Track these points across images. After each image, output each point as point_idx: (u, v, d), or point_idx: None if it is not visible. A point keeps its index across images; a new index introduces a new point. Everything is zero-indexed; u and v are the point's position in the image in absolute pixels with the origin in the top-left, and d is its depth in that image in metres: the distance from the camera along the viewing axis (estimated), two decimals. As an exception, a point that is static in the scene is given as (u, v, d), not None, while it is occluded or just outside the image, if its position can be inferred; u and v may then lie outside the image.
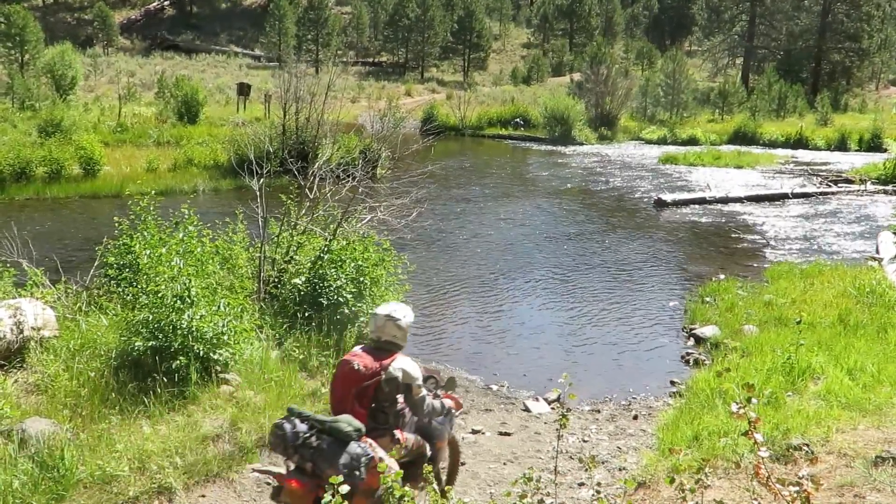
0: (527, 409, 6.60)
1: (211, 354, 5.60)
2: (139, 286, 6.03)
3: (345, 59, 48.49)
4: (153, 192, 7.33)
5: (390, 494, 2.55)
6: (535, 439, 6.00)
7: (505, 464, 5.54)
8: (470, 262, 11.66)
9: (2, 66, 31.89)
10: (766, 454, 2.55)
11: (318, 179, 8.27)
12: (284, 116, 17.76)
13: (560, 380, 3.75)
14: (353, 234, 7.78)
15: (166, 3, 59.45)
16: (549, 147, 28.76)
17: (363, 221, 8.20)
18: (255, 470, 4.83)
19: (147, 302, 5.63)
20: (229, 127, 23.05)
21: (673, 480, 2.66)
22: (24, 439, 4.55)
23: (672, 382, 7.19)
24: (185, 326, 5.44)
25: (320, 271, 7.08)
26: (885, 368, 6.09)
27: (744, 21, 52.68)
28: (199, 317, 5.51)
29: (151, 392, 5.23)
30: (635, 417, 6.46)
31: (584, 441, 5.99)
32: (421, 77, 52.67)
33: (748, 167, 23.89)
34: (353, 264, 7.06)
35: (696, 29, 63.45)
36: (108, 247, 6.95)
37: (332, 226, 7.76)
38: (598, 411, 6.62)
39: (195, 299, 5.59)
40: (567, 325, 8.98)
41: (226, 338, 5.69)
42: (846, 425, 4.98)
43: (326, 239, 7.53)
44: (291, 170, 8.61)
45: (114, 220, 7.09)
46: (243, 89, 30.42)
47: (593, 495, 2.85)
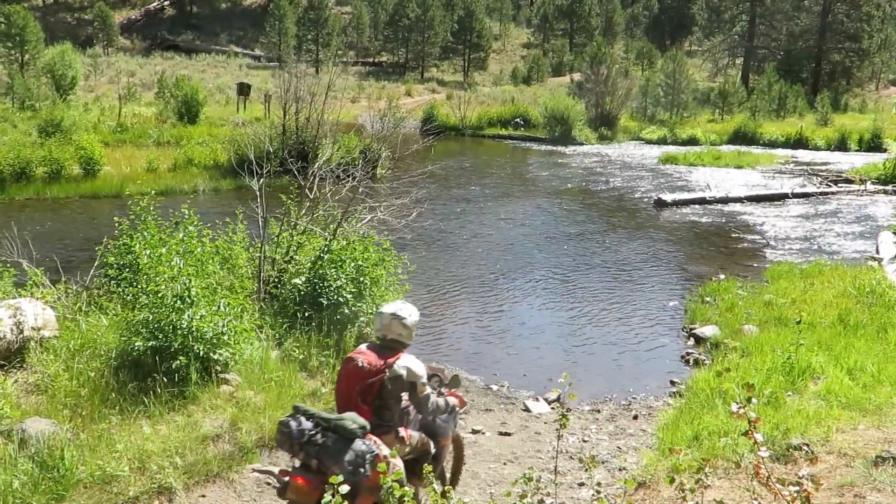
0: (527, 409, 6.60)
1: (211, 354, 5.60)
2: (139, 286, 6.03)
3: (345, 59, 48.49)
4: (153, 192, 7.34)
5: (390, 494, 2.55)
6: (535, 439, 6.00)
7: (505, 464, 5.54)
8: (470, 262, 11.66)
9: (2, 66, 31.89)
10: (766, 454, 2.55)
11: (318, 179, 8.27)
12: (284, 116, 17.76)
13: (560, 380, 3.75)
14: (353, 234, 7.78)
15: (166, 3, 59.46)
16: (549, 147, 28.76)
17: (363, 221, 8.19)
18: (255, 470, 4.84)
19: (147, 302, 5.63)
20: (229, 127, 23.04)
21: (673, 480, 2.66)
22: (24, 439, 4.55)
23: (672, 382, 7.18)
24: (185, 326, 5.45)
25: (320, 271, 7.08)
26: (885, 368, 6.09)
27: (744, 21, 52.69)
28: (199, 317, 5.51)
29: (151, 392, 5.23)
30: (635, 417, 6.46)
31: (584, 441, 5.99)
32: (421, 77, 52.68)
33: (748, 167, 23.89)
34: (353, 264, 7.06)
35: (696, 29, 63.46)
36: (108, 247, 6.95)
37: (332, 226, 7.76)
38: (598, 411, 6.62)
39: (195, 299, 5.59)
40: (567, 325, 8.98)
41: (226, 338, 5.69)
42: (846, 425, 4.98)
43: (326, 239, 7.52)
44: (291, 170, 8.61)
45: (114, 220, 7.09)
46: (243, 89, 30.43)
47: (593, 495, 2.85)
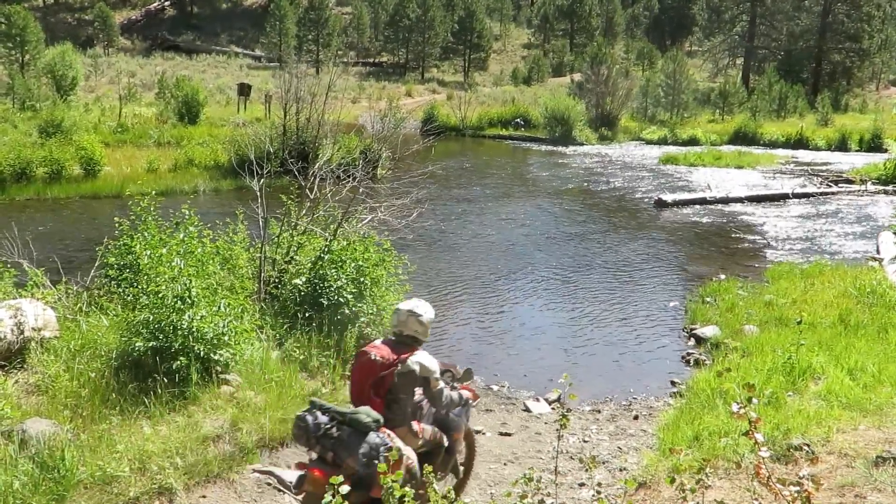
0: (527, 410, 6.60)
1: (211, 355, 5.60)
2: (140, 287, 6.02)
3: (345, 60, 48.48)
4: (154, 192, 7.35)
5: (390, 495, 2.55)
6: (535, 440, 6.01)
7: (505, 464, 5.54)
8: (471, 263, 11.66)
9: (2, 66, 31.90)
10: (766, 454, 2.55)
11: (318, 180, 8.27)
12: (285, 117, 17.77)
13: (560, 380, 3.75)
14: (353, 234, 7.78)
15: (167, 3, 59.49)
16: (549, 147, 28.76)
17: (364, 222, 8.19)
18: (255, 470, 4.85)
19: (147, 302, 5.63)
20: (230, 127, 23.06)
21: (673, 480, 2.66)
22: (24, 440, 4.54)
23: (672, 383, 7.18)
24: (185, 327, 5.44)
25: (321, 272, 7.08)
26: (885, 368, 6.09)
27: (744, 21, 52.69)
28: (199, 317, 5.50)
29: (152, 392, 5.22)
30: (636, 417, 6.46)
31: (585, 441, 5.99)
32: (421, 77, 52.69)
33: (749, 167, 23.89)
34: (353, 265, 7.06)
35: (696, 29, 63.47)
36: (109, 247, 6.95)
37: (332, 226, 7.76)
38: (599, 411, 6.62)
39: (196, 300, 5.59)
40: (568, 326, 8.98)
41: (226, 338, 5.69)
42: (847, 425, 4.98)
43: (327, 239, 7.52)
44: (292, 170, 8.61)
45: (114, 220, 7.08)
46: (244, 90, 30.45)
47: (594, 496, 2.86)
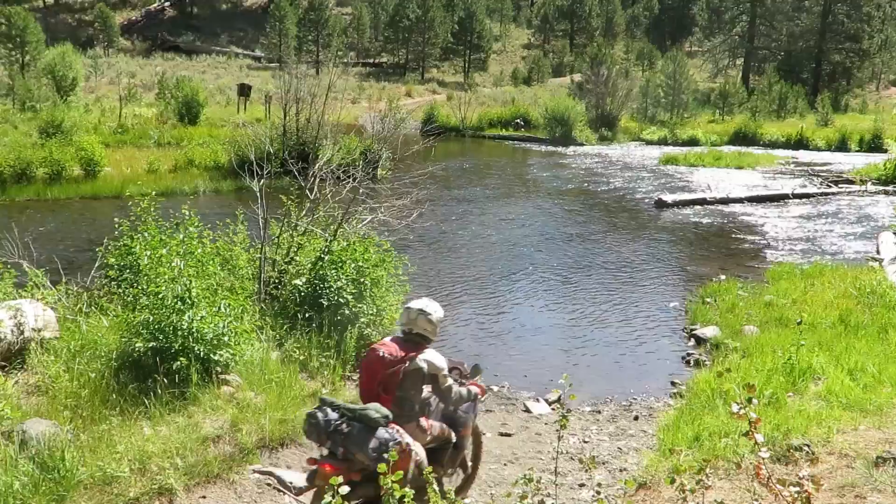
0: (527, 410, 6.60)
1: (211, 355, 5.60)
2: (140, 287, 6.02)
3: (345, 60, 48.35)
4: (154, 193, 7.35)
5: (390, 495, 2.55)
6: (535, 440, 6.00)
7: (505, 464, 5.54)
8: (471, 263, 11.66)
9: (3, 67, 31.91)
10: (766, 455, 2.55)
11: (318, 180, 8.26)
12: (285, 117, 17.77)
13: (560, 380, 3.75)
14: (353, 234, 7.77)
15: (167, 4, 59.53)
16: (549, 148, 28.77)
17: (364, 222, 8.19)
18: (255, 471, 4.85)
19: (148, 303, 5.63)
20: (230, 128, 23.04)
21: (674, 481, 2.66)
22: (24, 440, 4.54)
23: (673, 383, 7.18)
24: (185, 327, 5.44)
25: (321, 272, 7.08)
26: (885, 369, 6.09)
27: (744, 22, 52.73)
28: (199, 318, 5.50)
29: (152, 393, 5.22)
30: (636, 418, 6.46)
31: (585, 442, 5.99)
32: (421, 78, 52.73)
33: (749, 168, 23.89)
34: (353, 265, 7.06)
35: (696, 30, 63.40)
36: (109, 248, 6.96)
37: (332, 227, 7.76)
38: (599, 412, 6.61)
39: (196, 300, 5.59)
40: (568, 326, 8.98)
41: (226, 339, 5.69)
42: (847, 426, 4.98)
43: (327, 240, 7.53)
44: (292, 171, 8.61)
45: (114, 221, 7.09)
46: (244, 90, 30.46)
47: (594, 496, 2.86)
